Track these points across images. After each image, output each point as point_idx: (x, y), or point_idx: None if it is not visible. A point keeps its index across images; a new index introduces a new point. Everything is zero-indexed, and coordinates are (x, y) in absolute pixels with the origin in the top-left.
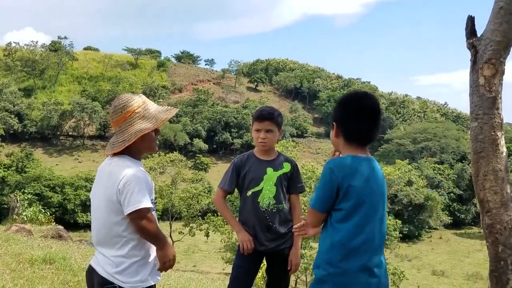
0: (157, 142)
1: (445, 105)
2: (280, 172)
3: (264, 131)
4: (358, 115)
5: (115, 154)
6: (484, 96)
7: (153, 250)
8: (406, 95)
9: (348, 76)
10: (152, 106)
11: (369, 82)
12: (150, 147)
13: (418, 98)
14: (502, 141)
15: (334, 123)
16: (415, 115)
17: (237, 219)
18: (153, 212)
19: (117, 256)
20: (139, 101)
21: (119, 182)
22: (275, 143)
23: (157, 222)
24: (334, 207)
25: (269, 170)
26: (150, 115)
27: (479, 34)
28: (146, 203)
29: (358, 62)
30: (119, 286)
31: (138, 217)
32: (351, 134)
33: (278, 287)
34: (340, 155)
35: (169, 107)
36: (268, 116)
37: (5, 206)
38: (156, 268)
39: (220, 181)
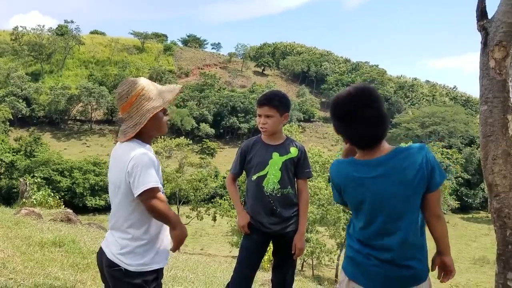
0: (167, 123)
1: (454, 89)
2: (286, 157)
3: (264, 116)
4: (341, 122)
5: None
6: (494, 79)
7: (160, 234)
8: (415, 79)
9: (356, 60)
10: (155, 86)
11: (377, 66)
12: (160, 129)
13: (427, 81)
14: None
15: None
16: (423, 98)
17: (242, 202)
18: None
19: (123, 238)
20: (142, 83)
21: (127, 165)
22: (278, 127)
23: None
24: None
25: (275, 154)
26: (155, 95)
27: (490, 16)
28: (155, 183)
29: (366, 45)
30: (124, 268)
31: (148, 197)
32: (351, 141)
33: (284, 269)
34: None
35: (173, 85)
36: (265, 101)
37: (15, 190)
38: (163, 252)
39: (231, 165)
